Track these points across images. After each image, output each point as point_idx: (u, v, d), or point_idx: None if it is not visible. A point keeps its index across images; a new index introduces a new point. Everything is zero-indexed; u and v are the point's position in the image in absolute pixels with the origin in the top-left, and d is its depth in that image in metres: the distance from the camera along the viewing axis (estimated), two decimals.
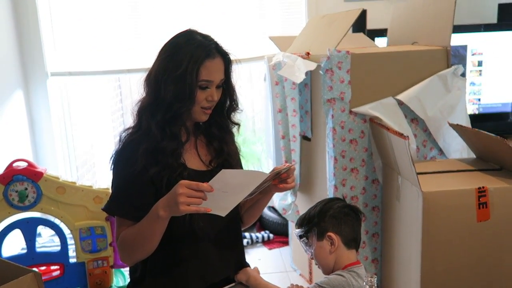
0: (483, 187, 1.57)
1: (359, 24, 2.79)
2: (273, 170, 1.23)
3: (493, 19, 2.99)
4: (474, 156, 1.94)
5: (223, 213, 1.17)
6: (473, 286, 1.64)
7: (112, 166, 1.29)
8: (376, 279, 0.96)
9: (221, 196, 1.13)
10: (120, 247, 1.27)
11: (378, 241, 2.12)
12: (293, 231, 1.51)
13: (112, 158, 1.30)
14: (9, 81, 2.92)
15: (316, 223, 1.34)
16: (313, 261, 1.39)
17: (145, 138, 1.26)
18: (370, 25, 2.87)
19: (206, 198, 1.11)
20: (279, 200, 2.49)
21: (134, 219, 1.24)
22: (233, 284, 1.38)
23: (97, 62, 3.15)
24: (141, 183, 1.25)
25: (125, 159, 1.27)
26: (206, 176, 1.15)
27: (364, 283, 0.95)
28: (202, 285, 1.32)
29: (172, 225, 1.21)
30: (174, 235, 1.27)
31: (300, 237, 1.37)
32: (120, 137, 1.31)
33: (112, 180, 1.30)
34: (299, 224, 1.40)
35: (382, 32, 2.63)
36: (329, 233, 1.32)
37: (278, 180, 1.29)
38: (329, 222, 1.33)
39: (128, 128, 1.32)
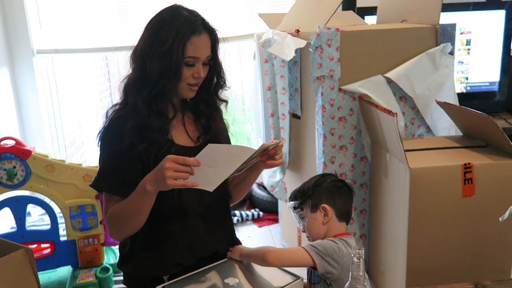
0: (469, 163, 1.59)
1: (349, 2, 2.78)
2: (261, 146, 1.23)
3: None
4: (461, 134, 1.96)
5: (210, 188, 1.18)
6: (458, 259, 1.68)
7: (99, 143, 1.29)
8: (364, 251, 0.98)
9: (208, 171, 1.13)
10: (109, 223, 1.28)
11: (366, 217, 2.15)
12: (286, 205, 1.52)
13: (99, 134, 1.29)
14: None
15: (310, 195, 1.37)
16: (303, 236, 1.41)
17: (131, 114, 1.26)
18: (360, 3, 2.85)
19: (193, 172, 1.12)
20: (268, 177, 2.51)
21: (122, 195, 1.25)
22: (224, 260, 1.40)
23: (84, 40, 3.10)
24: (128, 159, 1.25)
25: (112, 135, 1.27)
26: (194, 152, 1.15)
27: (352, 255, 0.97)
28: (191, 259, 1.33)
29: (160, 200, 1.22)
30: (162, 210, 1.27)
31: (295, 208, 1.40)
32: (106, 113, 1.30)
33: (100, 157, 1.30)
34: (293, 197, 1.43)
35: (371, 10, 2.62)
36: (323, 205, 1.35)
37: (266, 156, 1.29)
38: (323, 195, 1.36)
39: (115, 105, 1.31)
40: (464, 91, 2.82)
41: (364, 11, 2.71)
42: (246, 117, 4.11)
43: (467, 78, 2.81)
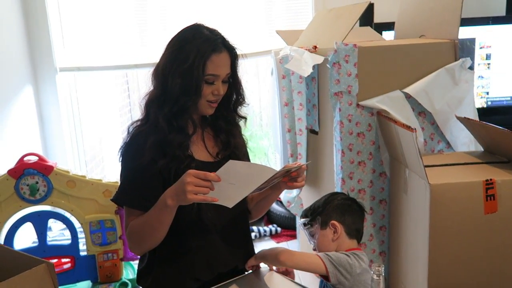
0: (490, 179, 1.57)
1: (366, 18, 2.79)
2: (283, 168, 1.24)
3: (502, 12, 2.97)
4: (482, 149, 1.93)
5: (229, 205, 1.18)
6: (480, 278, 1.64)
7: (121, 158, 1.31)
8: (383, 268, 0.97)
9: (229, 187, 1.14)
10: (129, 237, 1.29)
11: (386, 234, 2.12)
12: (298, 222, 1.54)
13: (121, 150, 1.31)
14: (19, 76, 2.95)
15: (320, 212, 1.39)
16: (315, 252, 1.41)
17: (153, 131, 1.28)
18: (377, 18, 2.86)
19: (213, 188, 1.13)
20: (285, 192, 2.50)
21: (142, 209, 1.26)
22: (242, 275, 1.40)
23: (105, 58, 3.17)
24: (149, 174, 1.26)
25: (134, 151, 1.29)
26: (213, 167, 1.16)
27: (372, 272, 0.97)
28: (210, 275, 1.34)
29: (180, 215, 1.23)
30: (182, 225, 1.28)
31: (305, 225, 1.41)
32: (128, 129, 1.33)
33: (121, 172, 1.32)
34: (304, 215, 1.45)
35: (389, 26, 2.63)
36: (333, 221, 1.36)
37: (288, 177, 1.30)
38: (333, 212, 1.38)
39: (136, 121, 1.34)
40: (485, 106, 2.79)
41: (382, 27, 2.71)
42: (263, 132, 4.13)
43: (487, 93, 2.78)
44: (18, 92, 2.92)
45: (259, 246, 2.92)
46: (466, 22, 2.44)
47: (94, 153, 3.68)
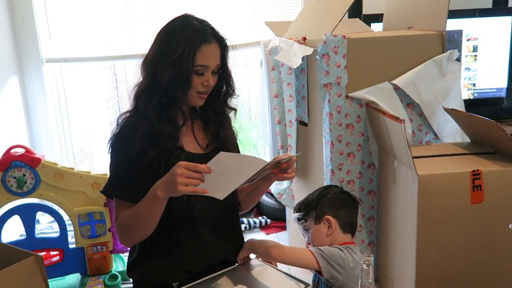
0: (477, 170, 1.59)
1: (355, 10, 2.79)
2: (274, 159, 1.24)
3: (488, 4, 3.00)
4: (469, 140, 1.96)
5: (220, 196, 1.19)
6: (467, 267, 1.67)
7: (110, 150, 1.30)
8: (373, 258, 0.98)
9: (219, 179, 1.14)
10: (119, 229, 1.29)
11: (374, 225, 2.15)
12: (291, 216, 1.54)
13: (110, 141, 1.30)
14: (4, 67, 2.91)
15: (314, 207, 1.38)
16: (310, 246, 1.41)
17: (142, 122, 1.27)
18: (366, 10, 2.87)
19: (204, 179, 1.13)
20: (275, 184, 2.51)
21: (132, 201, 1.26)
22: (233, 266, 1.41)
23: (92, 49, 3.13)
24: (139, 166, 1.26)
25: (123, 142, 1.28)
26: (203, 159, 1.16)
27: (361, 262, 0.97)
28: (200, 266, 1.34)
29: (170, 207, 1.22)
30: (172, 216, 1.28)
31: (298, 220, 1.40)
32: (117, 121, 1.32)
33: (110, 163, 1.31)
34: (298, 209, 1.44)
35: (378, 17, 2.63)
36: (327, 216, 1.35)
37: (278, 169, 1.30)
38: (327, 206, 1.37)
39: (126, 112, 1.33)
40: (472, 97, 2.82)
41: (370, 19, 2.72)
42: (253, 124, 4.13)
43: (474, 85, 2.81)
44: (3, 84, 2.88)
45: (249, 238, 2.93)
46: (454, 14, 2.45)
47: (82, 145, 3.64)
